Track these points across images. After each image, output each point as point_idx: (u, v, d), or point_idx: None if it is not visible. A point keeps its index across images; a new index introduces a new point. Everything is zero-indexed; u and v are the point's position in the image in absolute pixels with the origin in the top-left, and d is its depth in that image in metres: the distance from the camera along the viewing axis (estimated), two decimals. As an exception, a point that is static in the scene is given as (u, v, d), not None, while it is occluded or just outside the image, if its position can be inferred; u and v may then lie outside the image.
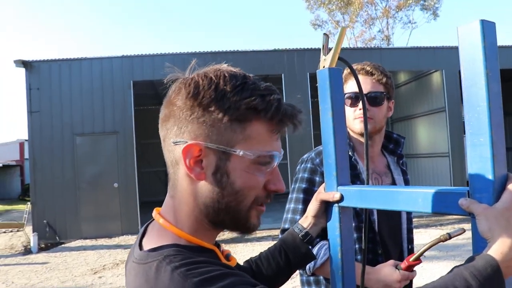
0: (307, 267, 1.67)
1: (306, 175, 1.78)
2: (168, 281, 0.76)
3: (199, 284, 0.73)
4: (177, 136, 0.86)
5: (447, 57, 12.58)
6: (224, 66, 0.90)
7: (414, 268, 1.44)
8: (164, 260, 0.80)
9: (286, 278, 1.25)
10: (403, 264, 1.43)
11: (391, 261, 1.55)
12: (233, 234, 10.47)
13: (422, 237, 8.74)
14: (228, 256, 0.98)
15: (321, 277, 1.76)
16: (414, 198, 1.03)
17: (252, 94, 0.85)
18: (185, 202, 0.89)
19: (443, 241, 1.20)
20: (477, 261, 0.82)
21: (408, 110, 15.55)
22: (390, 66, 13.08)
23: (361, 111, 1.75)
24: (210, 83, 0.84)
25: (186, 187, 0.89)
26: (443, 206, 0.96)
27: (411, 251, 1.81)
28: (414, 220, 10.40)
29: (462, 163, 12.71)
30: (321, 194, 1.24)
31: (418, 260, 1.39)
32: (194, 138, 0.85)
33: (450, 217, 11.31)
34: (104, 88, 11.50)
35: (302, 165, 1.82)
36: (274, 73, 12.15)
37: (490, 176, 0.88)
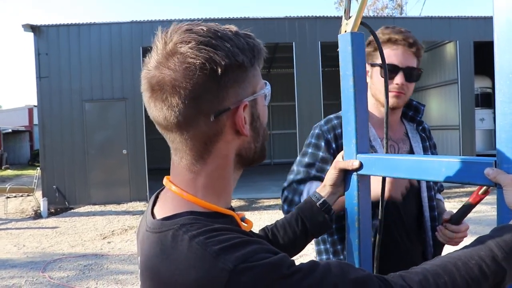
0: None
1: (313, 141, 1.77)
2: (187, 250, 0.73)
3: (219, 253, 0.71)
4: (218, 108, 0.81)
5: (462, 27, 12.31)
6: (194, 24, 0.84)
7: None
8: (180, 229, 0.77)
9: (302, 246, 1.24)
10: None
11: None
12: (240, 203, 10.59)
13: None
14: (243, 219, 0.95)
15: (339, 247, 1.74)
16: (437, 168, 1.00)
17: (254, 40, 0.87)
18: (216, 167, 0.86)
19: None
20: (504, 232, 0.81)
21: (420, 81, 15.28)
22: (402, 36, 12.82)
23: (397, 85, 1.69)
24: (226, 41, 0.81)
25: (224, 154, 0.85)
26: (467, 175, 0.94)
27: (433, 218, 1.80)
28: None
29: (472, 136, 12.60)
30: (340, 162, 1.22)
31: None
32: (236, 101, 0.83)
33: (458, 189, 11.31)
34: (113, 54, 11.42)
35: (311, 132, 1.82)
36: (285, 41, 11.99)
37: (519, 146, 0.85)
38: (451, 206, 9.53)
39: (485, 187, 1.38)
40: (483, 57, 13.35)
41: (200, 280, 0.70)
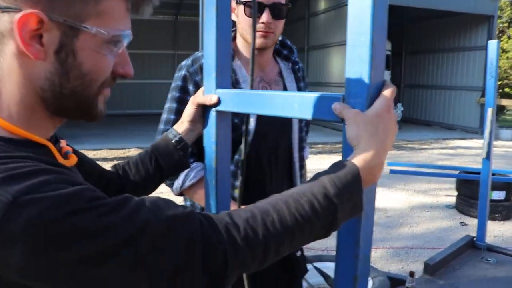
0: (174, 186, 1.61)
1: (180, 83, 1.66)
2: None
3: (1, 182, 0.59)
4: (7, 1, 0.66)
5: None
6: None
7: None
8: None
9: (156, 185, 1.16)
10: None
11: None
12: (112, 153, 10.23)
13: (325, 163, 9.10)
14: (67, 154, 0.84)
15: None
16: (290, 103, 0.96)
17: None
18: (14, 85, 0.71)
19: None
20: (339, 167, 0.77)
21: (324, 39, 15.66)
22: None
23: (263, 24, 1.61)
24: None
25: (16, 67, 0.70)
26: (318, 111, 0.90)
27: (301, 158, 1.82)
28: (319, 146, 10.53)
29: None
30: (198, 97, 1.14)
31: None
32: (31, 5, 0.66)
33: (337, 146, 11.91)
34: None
35: (178, 73, 1.69)
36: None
37: (366, 80, 0.82)
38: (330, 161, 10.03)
39: None
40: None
41: None
